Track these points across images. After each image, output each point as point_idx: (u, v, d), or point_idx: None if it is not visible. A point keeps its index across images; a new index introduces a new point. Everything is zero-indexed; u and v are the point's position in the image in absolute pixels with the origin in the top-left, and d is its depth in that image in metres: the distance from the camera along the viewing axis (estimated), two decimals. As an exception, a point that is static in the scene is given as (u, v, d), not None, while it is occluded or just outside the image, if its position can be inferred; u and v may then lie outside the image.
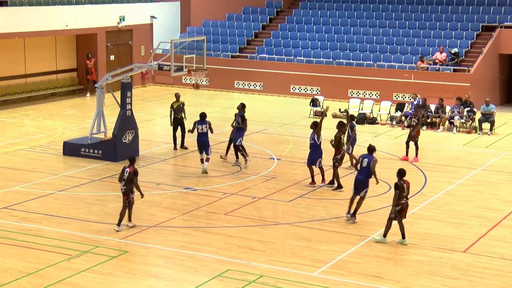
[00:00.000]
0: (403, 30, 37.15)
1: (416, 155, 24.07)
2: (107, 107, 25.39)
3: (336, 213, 18.58)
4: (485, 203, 19.78)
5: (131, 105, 23.81)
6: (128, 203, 16.94)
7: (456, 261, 15.60)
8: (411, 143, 24.15)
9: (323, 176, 20.87)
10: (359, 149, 25.66)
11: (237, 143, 22.63)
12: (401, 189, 16.19)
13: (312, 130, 20.75)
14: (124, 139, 23.51)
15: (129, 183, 16.77)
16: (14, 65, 33.65)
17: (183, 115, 25.07)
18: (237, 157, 22.91)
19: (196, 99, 34.63)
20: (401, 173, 16.32)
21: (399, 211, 16.28)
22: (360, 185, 17.76)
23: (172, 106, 25.07)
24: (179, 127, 25.05)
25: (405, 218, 16.40)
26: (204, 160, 21.89)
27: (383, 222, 17.85)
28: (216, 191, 20.27)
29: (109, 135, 24.00)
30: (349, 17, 39.10)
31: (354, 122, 23.10)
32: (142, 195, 17.08)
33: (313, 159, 20.71)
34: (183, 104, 25.23)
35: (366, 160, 17.76)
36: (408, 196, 16.39)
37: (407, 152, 24.10)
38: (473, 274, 14.96)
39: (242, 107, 23.09)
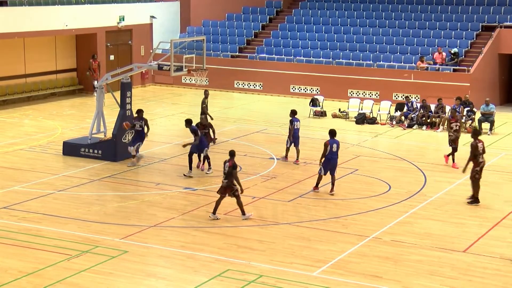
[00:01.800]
0: (403, 30, 37.15)
1: (453, 160, 23.51)
2: (107, 107, 25.38)
3: (336, 213, 18.58)
4: (485, 203, 19.75)
5: (131, 105, 23.81)
6: (234, 196, 17.55)
7: (456, 261, 15.59)
8: (450, 148, 23.78)
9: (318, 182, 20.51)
10: (359, 149, 25.68)
11: (205, 153, 22.21)
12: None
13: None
14: (124, 139, 23.50)
15: (229, 176, 17.42)
16: (14, 65, 33.63)
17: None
18: (209, 164, 22.22)
19: (196, 99, 34.54)
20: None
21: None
22: None
23: (204, 103, 25.76)
24: None
25: None
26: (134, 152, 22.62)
27: (383, 222, 17.89)
28: (216, 191, 20.21)
29: (109, 135, 24.00)
30: (349, 17, 39.09)
31: (297, 117, 23.21)
32: (241, 190, 17.73)
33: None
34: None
35: None
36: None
37: (451, 156, 23.61)
38: (473, 274, 14.95)
39: (190, 122, 22.03)
